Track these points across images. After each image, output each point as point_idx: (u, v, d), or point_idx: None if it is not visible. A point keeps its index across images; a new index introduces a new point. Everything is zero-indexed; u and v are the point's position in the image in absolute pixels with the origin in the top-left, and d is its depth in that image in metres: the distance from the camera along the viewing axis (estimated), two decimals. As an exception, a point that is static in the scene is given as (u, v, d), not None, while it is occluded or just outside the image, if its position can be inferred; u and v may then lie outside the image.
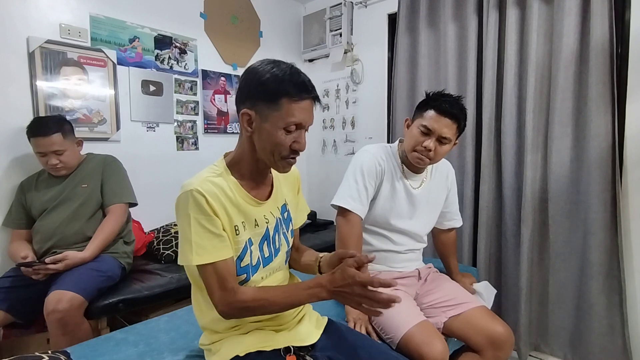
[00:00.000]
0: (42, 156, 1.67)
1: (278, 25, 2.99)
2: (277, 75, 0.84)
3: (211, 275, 0.85)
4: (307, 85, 0.87)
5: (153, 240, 2.13)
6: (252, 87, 0.87)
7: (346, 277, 0.80)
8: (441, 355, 1.10)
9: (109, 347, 1.13)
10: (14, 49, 1.83)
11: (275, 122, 0.85)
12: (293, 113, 0.85)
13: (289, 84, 0.84)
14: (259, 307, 0.87)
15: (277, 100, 0.84)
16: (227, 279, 0.85)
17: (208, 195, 0.84)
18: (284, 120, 0.85)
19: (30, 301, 1.54)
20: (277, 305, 0.87)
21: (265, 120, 0.86)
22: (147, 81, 2.28)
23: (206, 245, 0.84)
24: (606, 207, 1.68)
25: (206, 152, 2.59)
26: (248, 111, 0.87)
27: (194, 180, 0.87)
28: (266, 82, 0.84)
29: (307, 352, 0.97)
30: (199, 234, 0.84)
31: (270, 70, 0.85)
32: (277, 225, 0.99)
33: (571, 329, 1.86)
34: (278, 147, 0.87)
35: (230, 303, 0.85)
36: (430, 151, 1.29)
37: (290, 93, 0.84)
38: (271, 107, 0.84)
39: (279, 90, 0.84)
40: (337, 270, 0.83)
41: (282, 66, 0.86)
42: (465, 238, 2.13)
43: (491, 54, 1.98)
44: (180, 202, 0.86)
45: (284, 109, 0.84)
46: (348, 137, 2.93)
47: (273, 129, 0.85)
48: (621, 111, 1.70)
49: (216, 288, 0.85)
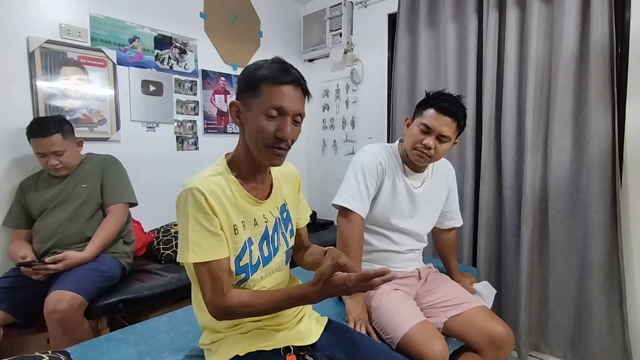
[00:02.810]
0: (42, 157, 1.66)
1: (278, 25, 2.99)
2: (260, 65, 0.88)
3: (204, 275, 0.85)
4: (287, 70, 0.87)
5: (153, 240, 2.13)
6: (241, 82, 0.90)
7: (336, 284, 0.78)
8: (441, 355, 1.10)
9: (109, 347, 1.13)
10: (14, 49, 1.83)
11: (256, 108, 0.86)
12: (272, 96, 0.85)
13: (268, 68, 0.86)
14: (245, 313, 0.87)
15: (257, 86, 0.85)
16: (219, 280, 0.85)
17: (208, 193, 0.84)
18: (264, 105, 0.85)
19: (30, 301, 1.54)
20: (264, 312, 0.87)
21: (249, 109, 0.87)
22: (147, 81, 2.28)
23: (203, 243, 0.84)
24: (606, 207, 1.68)
25: (206, 152, 2.59)
26: (235, 102, 0.90)
27: (195, 178, 0.87)
28: (250, 72, 0.88)
29: (307, 351, 0.97)
30: (196, 232, 0.84)
31: (260, 65, 0.88)
32: (276, 225, 0.99)
33: (571, 329, 1.86)
34: (261, 134, 0.86)
35: (217, 305, 0.85)
36: (430, 149, 1.30)
37: (269, 77, 0.85)
38: (253, 95, 0.86)
39: (258, 76, 0.86)
40: (320, 282, 0.79)
41: (273, 60, 0.89)
42: (465, 238, 2.13)
43: (491, 54, 1.98)
44: (180, 200, 0.87)
45: (263, 94, 0.85)
46: (348, 137, 2.93)
47: (255, 115, 0.86)
48: (621, 111, 1.70)
49: (208, 288, 0.86)
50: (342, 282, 0.78)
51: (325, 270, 0.79)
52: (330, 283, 0.79)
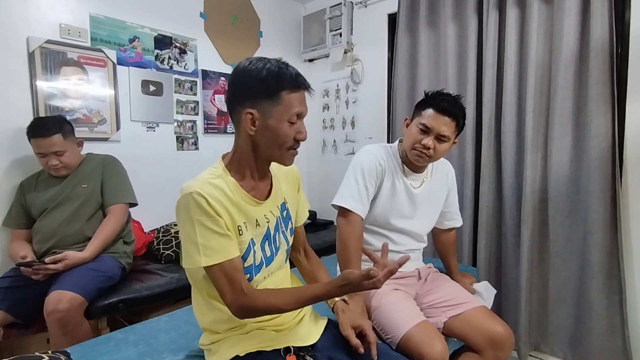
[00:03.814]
0: (42, 157, 1.67)
1: (278, 25, 2.99)
2: (273, 70, 0.86)
3: (220, 277, 0.85)
4: (301, 76, 0.90)
5: (153, 240, 2.13)
6: (250, 86, 0.87)
7: (365, 286, 0.84)
8: (441, 355, 1.10)
9: (109, 347, 1.13)
10: (14, 49, 1.83)
11: (279, 116, 0.87)
12: (294, 104, 0.87)
13: (285, 77, 0.86)
14: (269, 312, 0.91)
15: (277, 94, 0.86)
16: (236, 280, 0.85)
17: (208, 196, 0.84)
18: (288, 113, 0.87)
19: (30, 301, 1.54)
20: (287, 310, 0.91)
21: (269, 117, 0.87)
22: (147, 81, 2.28)
23: (214, 245, 0.84)
24: (606, 207, 1.68)
25: (206, 152, 2.59)
26: (251, 110, 0.87)
27: (193, 182, 0.86)
28: (265, 79, 0.86)
29: (307, 352, 0.97)
30: (204, 235, 0.83)
31: (265, 67, 0.87)
32: (277, 224, 0.99)
33: (571, 329, 1.86)
34: (285, 139, 0.89)
35: (241, 305, 0.85)
36: (429, 149, 1.30)
37: (288, 86, 0.86)
38: (272, 103, 0.86)
39: (278, 84, 0.86)
40: (348, 286, 0.85)
41: (272, 62, 0.88)
42: (465, 238, 2.13)
43: (491, 54, 1.98)
44: (180, 206, 0.86)
45: (285, 102, 0.86)
46: (348, 137, 2.93)
47: (278, 123, 0.87)
48: (621, 111, 1.70)
49: (227, 290, 0.85)
50: (372, 286, 0.84)
51: (354, 279, 0.84)
52: (359, 287, 0.85)
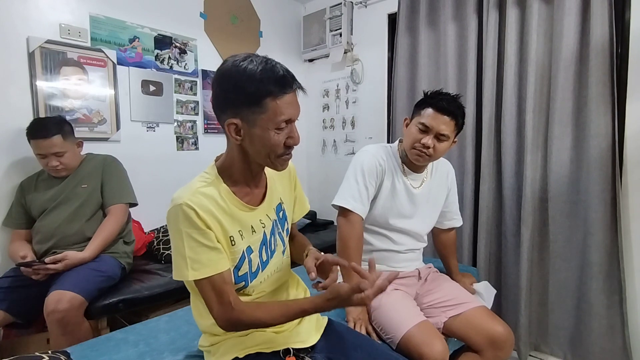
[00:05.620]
0: (42, 158, 1.66)
1: (278, 25, 2.99)
2: (252, 74, 0.77)
3: (208, 290, 0.83)
4: (287, 77, 0.80)
5: (153, 240, 2.13)
6: (229, 94, 0.80)
7: (354, 301, 0.81)
8: (441, 355, 1.10)
9: (109, 347, 1.13)
10: (14, 49, 1.83)
11: (264, 124, 0.80)
12: (280, 111, 0.79)
13: (268, 81, 0.77)
14: (256, 326, 0.89)
15: (260, 102, 0.78)
16: (224, 293, 0.83)
17: (198, 208, 0.80)
18: (273, 121, 0.80)
19: (30, 301, 1.54)
20: (274, 324, 0.89)
21: (253, 126, 0.80)
22: (147, 81, 2.28)
23: (202, 259, 0.81)
24: (606, 207, 1.68)
25: (206, 152, 2.59)
26: (233, 120, 0.81)
27: (183, 192, 0.83)
28: (244, 85, 0.78)
29: (306, 353, 0.97)
30: (192, 248, 0.81)
31: (244, 71, 0.78)
32: (274, 228, 0.97)
33: (571, 329, 1.85)
34: (273, 148, 0.83)
35: (228, 319, 0.84)
36: (428, 148, 1.30)
37: (272, 91, 0.78)
38: (256, 111, 0.79)
39: (259, 91, 0.78)
40: (336, 300, 0.82)
41: (255, 62, 0.79)
42: (465, 238, 2.13)
43: (491, 54, 1.98)
44: (170, 217, 0.83)
45: (270, 110, 0.79)
46: (348, 137, 2.93)
47: (263, 132, 0.81)
48: (621, 111, 1.70)
49: (214, 302, 0.83)
50: (360, 302, 0.81)
51: (344, 292, 0.81)
52: (347, 302, 0.82)
